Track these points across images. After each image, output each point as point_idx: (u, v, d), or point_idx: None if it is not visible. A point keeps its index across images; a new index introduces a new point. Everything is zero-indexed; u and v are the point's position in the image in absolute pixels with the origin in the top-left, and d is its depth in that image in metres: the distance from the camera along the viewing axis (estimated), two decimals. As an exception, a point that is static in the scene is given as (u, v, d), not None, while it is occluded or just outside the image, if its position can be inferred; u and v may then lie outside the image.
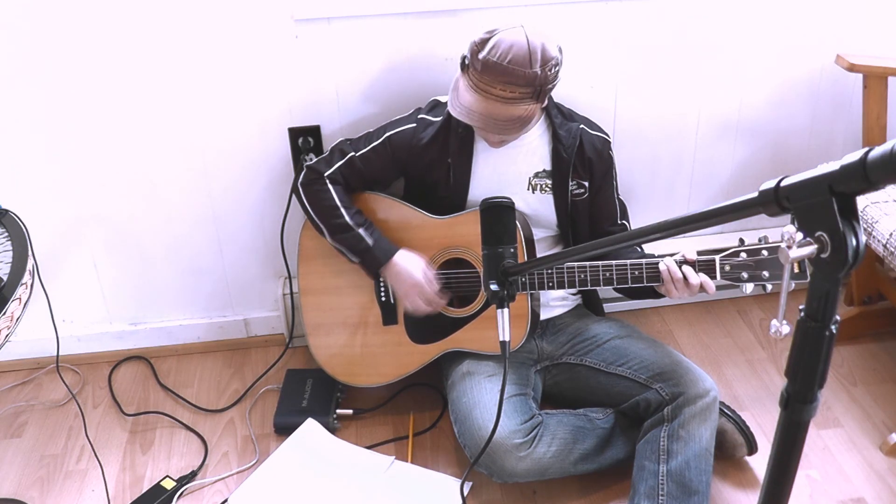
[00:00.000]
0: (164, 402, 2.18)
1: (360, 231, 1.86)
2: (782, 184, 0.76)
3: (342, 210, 1.87)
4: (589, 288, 1.79)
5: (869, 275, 2.25)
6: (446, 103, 1.87)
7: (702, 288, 1.69)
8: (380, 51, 2.02)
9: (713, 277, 1.69)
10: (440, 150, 1.86)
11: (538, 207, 1.91)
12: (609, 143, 1.92)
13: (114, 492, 1.90)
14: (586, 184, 1.90)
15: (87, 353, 2.32)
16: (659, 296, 1.78)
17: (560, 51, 1.69)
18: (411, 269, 1.85)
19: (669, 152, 2.28)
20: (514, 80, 1.64)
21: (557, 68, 1.69)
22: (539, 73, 1.64)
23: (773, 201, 0.76)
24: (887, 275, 2.25)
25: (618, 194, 1.97)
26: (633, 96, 2.17)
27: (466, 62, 1.69)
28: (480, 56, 1.64)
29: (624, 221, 1.99)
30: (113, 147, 2.06)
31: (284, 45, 1.98)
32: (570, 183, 1.88)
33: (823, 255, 0.72)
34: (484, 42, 1.65)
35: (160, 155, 2.09)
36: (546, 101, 1.74)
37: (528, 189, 1.89)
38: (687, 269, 1.69)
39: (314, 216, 1.90)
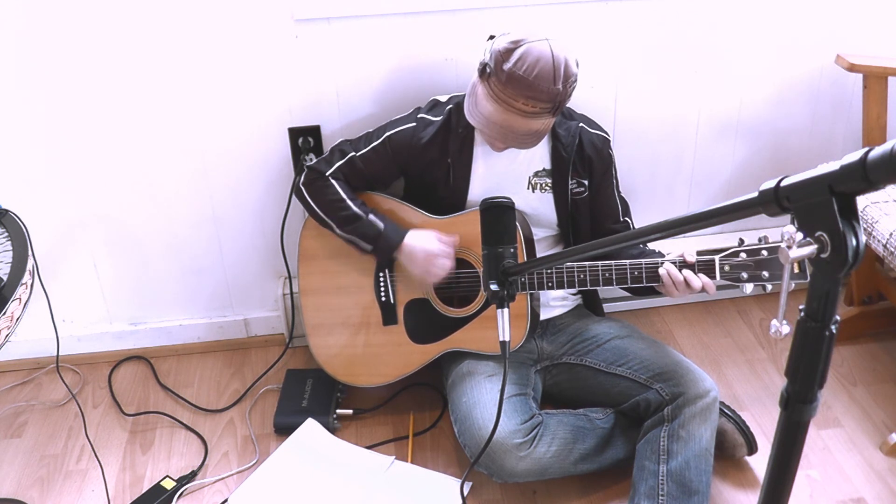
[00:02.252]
0: (164, 402, 2.18)
1: (371, 217, 1.86)
2: (782, 184, 0.76)
3: (348, 202, 1.87)
4: (589, 288, 1.79)
5: (869, 275, 2.25)
6: (446, 103, 1.87)
7: (703, 288, 1.69)
8: (380, 51, 2.02)
9: (713, 277, 1.69)
10: (440, 150, 1.86)
11: (538, 207, 1.91)
12: (608, 140, 1.92)
13: (114, 492, 1.90)
14: (586, 182, 1.90)
15: (87, 353, 2.32)
16: (660, 294, 1.78)
17: (577, 65, 1.67)
18: (425, 243, 1.84)
19: (669, 152, 2.28)
20: (538, 96, 1.61)
21: (575, 85, 1.67)
22: (561, 89, 1.63)
23: (773, 201, 0.76)
24: (887, 275, 2.25)
25: (619, 192, 1.97)
26: (633, 96, 2.17)
27: (488, 70, 1.64)
28: (505, 67, 1.61)
29: (626, 219, 1.98)
30: (113, 147, 2.06)
31: (284, 45, 1.98)
32: (570, 182, 1.88)
33: (823, 255, 0.72)
34: (509, 52, 1.61)
35: (160, 155, 2.09)
36: None
37: (528, 188, 1.89)
38: (687, 272, 1.69)
39: (320, 212, 1.90)
